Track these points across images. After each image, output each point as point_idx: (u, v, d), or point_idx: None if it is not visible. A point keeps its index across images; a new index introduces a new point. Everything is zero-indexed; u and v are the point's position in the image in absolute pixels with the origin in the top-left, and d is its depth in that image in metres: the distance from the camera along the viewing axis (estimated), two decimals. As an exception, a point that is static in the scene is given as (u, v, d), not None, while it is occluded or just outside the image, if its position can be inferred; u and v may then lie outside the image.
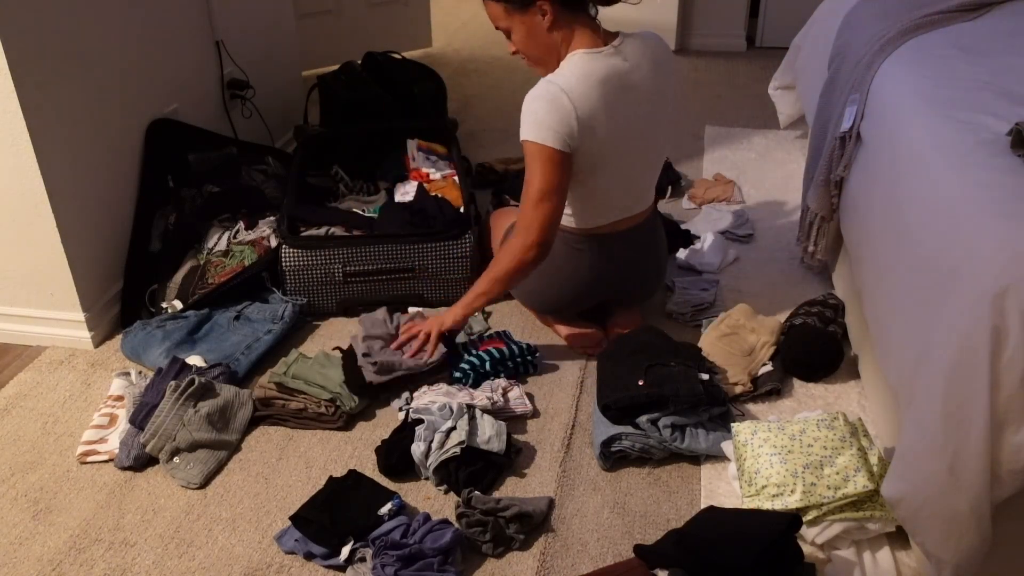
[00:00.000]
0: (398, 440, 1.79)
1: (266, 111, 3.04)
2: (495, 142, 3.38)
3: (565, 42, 1.85)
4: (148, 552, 1.61)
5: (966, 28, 2.08)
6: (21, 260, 2.11)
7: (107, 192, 2.23)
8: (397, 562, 1.50)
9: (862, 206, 1.86)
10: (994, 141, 1.49)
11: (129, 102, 2.31)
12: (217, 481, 1.77)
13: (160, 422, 1.81)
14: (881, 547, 1.54)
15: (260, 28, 3.06)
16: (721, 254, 2.48)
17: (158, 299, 2.28)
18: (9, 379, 2.09)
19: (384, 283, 2.26)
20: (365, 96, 3.09)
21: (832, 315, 2.09)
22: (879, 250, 1.69)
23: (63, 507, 1.71)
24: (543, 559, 1.58)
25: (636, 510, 1.68)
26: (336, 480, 1.70)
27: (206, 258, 2.33)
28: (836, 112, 2.09)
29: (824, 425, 1.60)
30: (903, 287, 1.51)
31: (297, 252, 2.20)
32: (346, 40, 4.02)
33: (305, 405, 1.90)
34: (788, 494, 1.54)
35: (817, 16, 2.85)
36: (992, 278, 1.22)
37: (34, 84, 1.94)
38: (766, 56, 4.23)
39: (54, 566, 1.58)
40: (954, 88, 1.74)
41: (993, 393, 1.21)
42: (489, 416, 1.82)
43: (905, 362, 1.43)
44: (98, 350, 2.18)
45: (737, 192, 2.88)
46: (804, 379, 2.00)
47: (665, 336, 1.95)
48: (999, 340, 1.20)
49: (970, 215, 1.34)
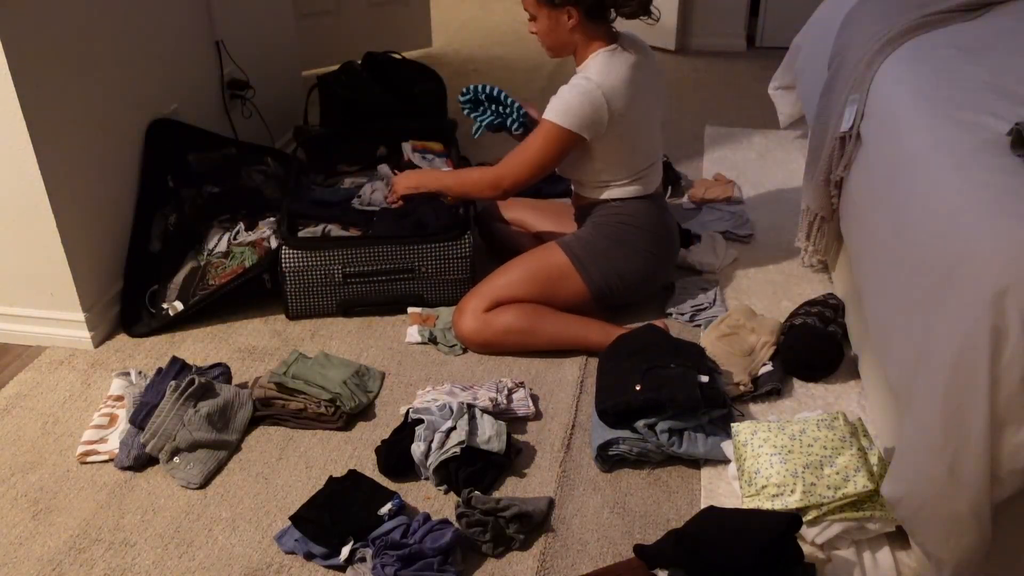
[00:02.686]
0: (398, 440, 1.79)
1: (266, 111, 3.04)
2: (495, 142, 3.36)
3: (584, 41, 2.05)
4: (148, 552, 1.61)
5: (966, 28, 2.08)
6: (21, 260, 2.11)
7: (107, 192, 2.23)
8: (397, 562, 1.50)
9: (862, 206, 1.86)
10: (994, 141, 1.49)
11: (129, 102, 2.31)
12: (217, 481, 1.77)
13: (160, 422, 1.81)
14: (881, 547, 1.54)
15: (260, 28, 3.06)
16: (721, 254, 2.48)
17: (158, 300, 2.28)
18: (9, 379, 2.09)
19: (384, 284, 2.26)
20: (365, 96, 3.09)
21: (832, 315, 2.10)
22: (879, 250, 1.69)
23: (63, 507, 1.71)
24: (543, 559, 1.58)
25: (636, 510, 1.68)
26: (336, 480, 1.70)
27: (206, 259, 2.33)
28: (836, 112, 2.09)
29: (824, 425, 1.60)
30: (903, 287, 1.51)
31: (297, 253, 2.20)
32: (346, 40, 4.02)
33: (305, 405, 1.90)
34: (788, 494, 1.54)
35: (817, 16, 2.85)
36: (992, 278, 1.22)
37: (34, 84, 1.94)
38: (766, 56, 4.23)
39: (54, 566, 1.58)
40: (954, 88, 1.74)
41: (993, 393, 1.21)
42: (489, 416, 1.82)
43: (905, 362, 1.43)
44: (98, 350, 2.19)
45: (737, 192, 2.87)
46: (804, 379, 2.00)
47: (667, 335, 1.95)
48: (999, 340, 1.20)
49: (970, 215, 1.34)
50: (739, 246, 2.57)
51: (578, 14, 1.99)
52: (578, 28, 2.02)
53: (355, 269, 2.23)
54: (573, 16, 2.00)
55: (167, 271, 2.33)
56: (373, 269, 2.23)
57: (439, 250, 2.23)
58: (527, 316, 2.07)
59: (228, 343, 2.20)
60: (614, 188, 2.14)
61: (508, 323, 2.06)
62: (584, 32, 2.03)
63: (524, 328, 2.06)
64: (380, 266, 2.23)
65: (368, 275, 2.24)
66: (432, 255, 2.23)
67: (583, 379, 2.03)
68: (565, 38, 2.05)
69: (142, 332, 2.23)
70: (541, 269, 2.13)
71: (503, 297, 2.10)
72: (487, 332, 2.08)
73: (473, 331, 2.09)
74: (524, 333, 2.07)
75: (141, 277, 2.30)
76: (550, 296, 2.11)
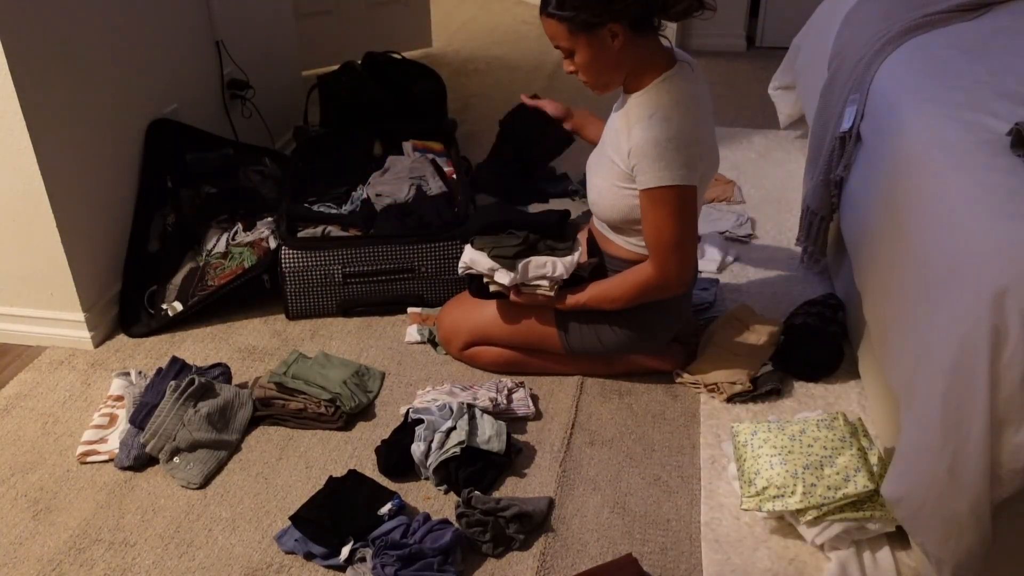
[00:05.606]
0: (398, 440, 1.79)
1: (266, 111, 3.04)
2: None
3: (637, 65, 1.69)
4: (148, 552, 1.61)
5: (966, 28, 2.08)
6: (21, 260, 2.11)
7: (107, 192, 2.23)
8: (397, 562, 1.50)
9: (862, 206, 1.86)
10: (994, 141, 1.49)
11: (129, 102, 2.31)
12: (217, 481, 1.77)
13: (160, 422, 1.81)
14: (881, 547, 1.54)
15: (260, 28, 3.06)
16: (721, 254, 2.48)
17: (157, 300, 2.28)
18: (9, 379, 2.09)
19: (383, 284, 2.26)
20: (365, 96, 3.09)
21: (832, 315, 2.09)
22: (879, 250, 1.69)
23: (63, 507, 1.71)
24: (543, 559, 1.58)
25: (636, 510, 1.68)
26: (336, 480, 1.70)
27: (205, 259, 2.33)
28: (836, 112, 2.09)
29: (824, 425, 1.60)
30: (903, 287, 1.51)
31: (296, 253, 2.20)
32: (346, 40, 4.02)
33: (305, 405, 1.90)
34: (789, 495, 1.54)
35: (817, 16, 2.85)
36: (992, 278, 1.22)
37: (34, 84, 1.94)
38: (766, 56, 4.23)
39: (54, 566, 1.58)
40: (954, 88, 1.74)
41: (993, 393, 1.20)
42: (489, 416, 1.82)
43: (905, 362, 1.43)
44: (98, 350, 2.19)
45: (737, 192, 2.88)
46: (804, 379, 2.00)
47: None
48: (999, 340, 1.20)
49: (970, 215, 1.34)
50: (739, 246, 2.57)
51: (623, 31, 1.62)
52: (627, 48, 1.64)
53: (355, 269, 2.23)
54: (618, 34, 1.62)
55: (166, 271, 2.33)
56: (373, 269, 2.23)
57: (439, 250, 2.23)
58: (509, 361, 2.04)
59: (228, 343, 2.20)
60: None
61: (493, 359, 2.05)
62: (635, 52, 1.66)
63: (510, 362, 2.04)
64: (380, 266, 2.23)
65: (368, 275, 2.24)
66: (432, 255, 2.23)
67: (583, 379, 2.03)
68: (613, 64, 1.67)
69: (141, 333, 2.22)
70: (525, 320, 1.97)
71: (481, 337, 2.02)
72: (472, 364, 2.08)
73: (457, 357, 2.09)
74: (511, 366, 2.05)
75: (140, 277, 2.30)
76: (530, 340, 1.99)
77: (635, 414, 1.92)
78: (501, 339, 2.01)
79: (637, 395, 1.98)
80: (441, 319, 2.10)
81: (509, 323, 1.98)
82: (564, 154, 2.87)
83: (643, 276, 1.80)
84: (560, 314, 1.93)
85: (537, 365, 2.03)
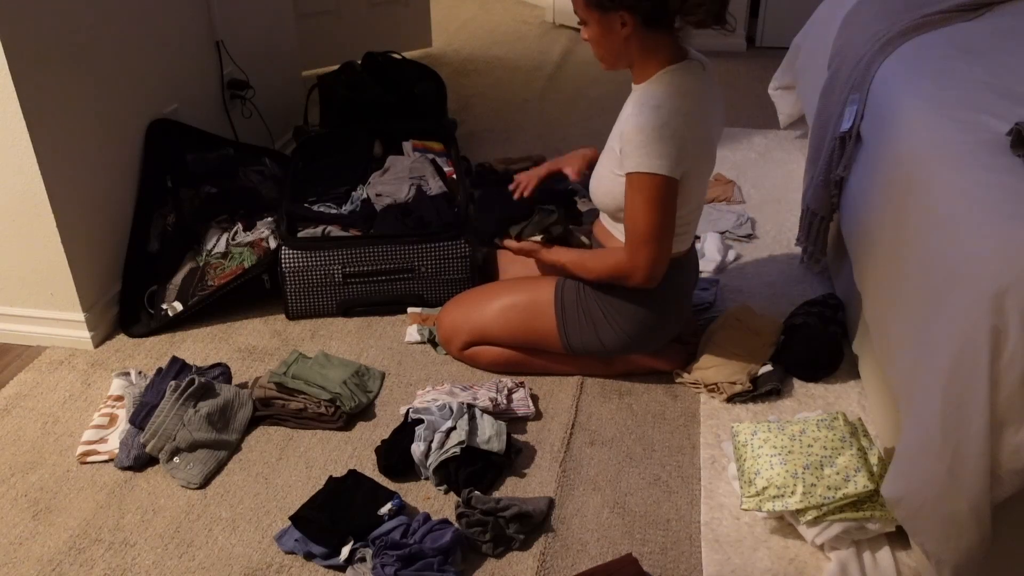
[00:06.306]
0: (398, 440, 1.79)
1: (266, 111, 3.04)
2: (495, 142, 3.37)
3: (642, 56, 1.74)
4: (148, 552, 1.61)
5: (966, 28, 2.08)
6: (21, 260, 2.11)
7: (107, 192, 2.23)
8: (397, 562, 1.50)
9: (862, 206, 1.86)
10: (994, 141, 1.49)
11: (129, 102, 2.31)
12: (217, 481, 1.77)
13: (160, 422, 1.81)
14: (881, 547, 1.54)
15: (260, 28, 3.06)
16: (721, 254, 2.48)
17: (157, 300, 2.28)
18: (9, 379, 2.09)
19: (383, 284, 2.26)
20: (365, 96, 3.09)
21: (832, 315, 2.10)
22: (879, 250, 1.70)
23: (63, 507, 1.71)
24: (543, 559, 1.58)
25: (636, 510, 1.68)
26: (336, 480, 1.70)
27: (205, 259, 2.33)
28: (836, 112, 2.09)
29: (824, 425, 1.60)
30: (903, 287, 1.51)
31: (296, 253, 2.20)
32: (346, 40, 4.02)
33: (305, 405, 1.90)
34: (789, 495, 1.54)
35: (817, 16, 2.85)
36: (991, 278, 1.22)
37: (34, 84, 1.94)
38: (766, 56, 4.23)
39: (54, 566, 1.58)
40: (954, 88, 1.74)
41: (993, 393, 1.21)
42: (489, 416, 1.82)
43: (905, 362, 1.43)
44: (98, 350, 2.18)
45: (737, 192, 2.88)
46: (804, 379, 2.00)
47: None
48: (999, 340, 1.20)
49: (970, 215, 1.34)
50: (739, 246, 2.57)
51: (633, 21, 1.68)
52: (634, 38, 1.70)
53: (355, 269, 2.23)
54: (627, 23, 1.68)
55: (166, 271, 2.33)
56: (373, 269, 2.23)
57: (439, 250, 2.23)
58: (509, 361, 2.04)
59: (228, 343, 2.20)
60: None
61: (493, 359, 2.05)
62: (641, 44, 1.72)
63: (510, 362, 2.04)
64: (380, 266, 2.23)
65: (368, 275, 2.24)
66: (432, 255, 2.23)
67: (583, 379, 2.03)
68: (617, 47, 1.74)
69: (141, 333, 2.22)
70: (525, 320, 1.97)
71: (481, 337, 2.02)
72: (472, 364, 2.08)
73: (457, 357, 2.09)
74: (511, 366, 2.05)
75: (140, 277, 2.30)
76: (530, 339, 2.00)
77: (635, 414, 1.93)
78: (501, 339, 2.01)
79: (637, 395, 1.98)
80: (441, 319, 2.10)
81: (509, 323, 1.99)
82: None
83: (616, 259, 1.83)
84: (560, 314, 1.93)
85: (537, 365, 2.04)
